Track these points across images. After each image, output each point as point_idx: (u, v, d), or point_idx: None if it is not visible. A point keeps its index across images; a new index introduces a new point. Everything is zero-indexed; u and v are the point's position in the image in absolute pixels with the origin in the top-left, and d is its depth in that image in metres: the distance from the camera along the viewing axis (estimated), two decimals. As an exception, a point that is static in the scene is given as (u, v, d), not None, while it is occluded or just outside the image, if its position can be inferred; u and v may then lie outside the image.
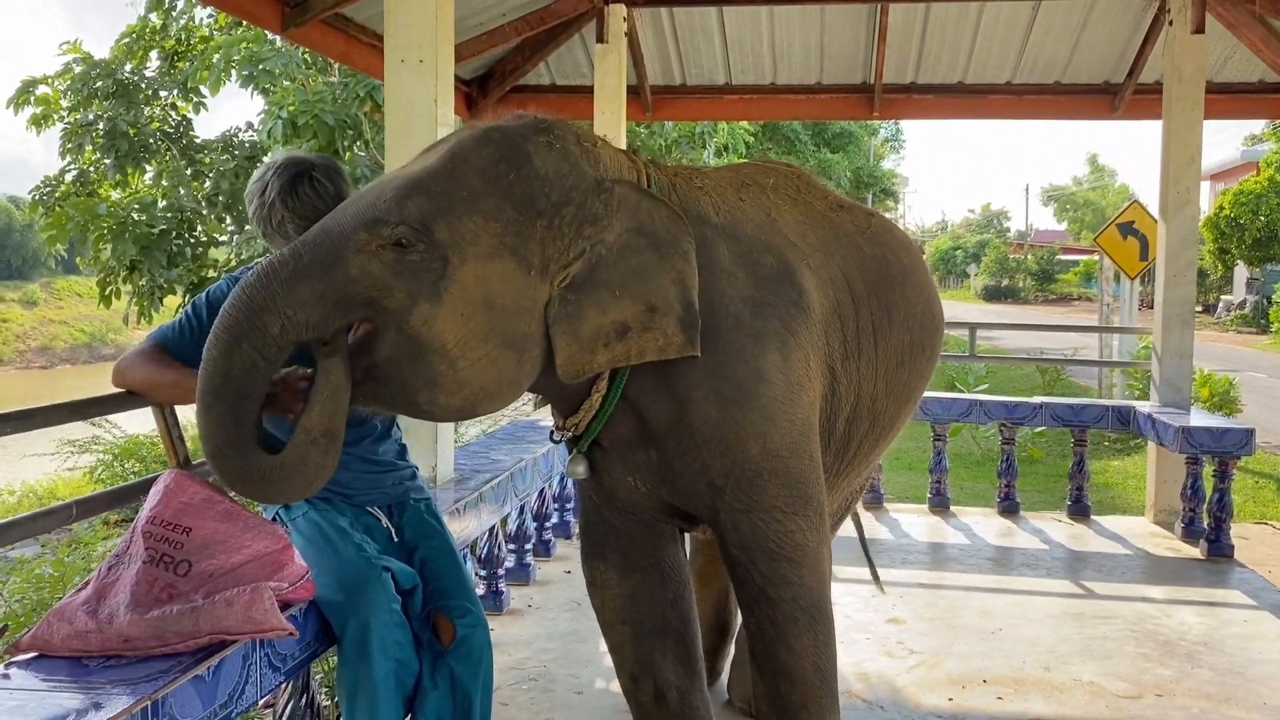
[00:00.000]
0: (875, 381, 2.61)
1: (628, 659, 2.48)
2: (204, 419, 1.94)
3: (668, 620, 2.48)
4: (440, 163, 2.02)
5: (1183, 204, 5.56)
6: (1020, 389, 12.27)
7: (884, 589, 3.96)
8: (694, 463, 2.26)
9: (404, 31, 3.51)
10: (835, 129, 21.99)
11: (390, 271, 1.93)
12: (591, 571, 2.53)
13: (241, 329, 1.91)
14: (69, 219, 8.49)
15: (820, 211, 2.64)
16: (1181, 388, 5.60)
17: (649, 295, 2.10)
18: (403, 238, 1.93)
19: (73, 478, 8.97)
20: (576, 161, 2.10)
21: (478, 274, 1.96)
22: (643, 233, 2.11)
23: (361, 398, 2.02)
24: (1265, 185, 24.24)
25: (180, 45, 9.44)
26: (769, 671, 2.37)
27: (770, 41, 6.48)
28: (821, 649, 2.36)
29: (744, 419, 2.22)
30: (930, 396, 6.22)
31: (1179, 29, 5.48)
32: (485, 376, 2.01)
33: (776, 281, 2.33)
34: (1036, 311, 35.02)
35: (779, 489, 2.28)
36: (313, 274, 1.92)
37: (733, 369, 2.22)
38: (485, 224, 1.97)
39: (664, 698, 2.45)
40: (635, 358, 2.12)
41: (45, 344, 36.06)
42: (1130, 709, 3.39)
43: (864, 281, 2.58)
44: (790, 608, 2.32)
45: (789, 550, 2.31)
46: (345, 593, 2.25)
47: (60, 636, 1.89)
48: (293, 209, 2.31)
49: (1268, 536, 6.14)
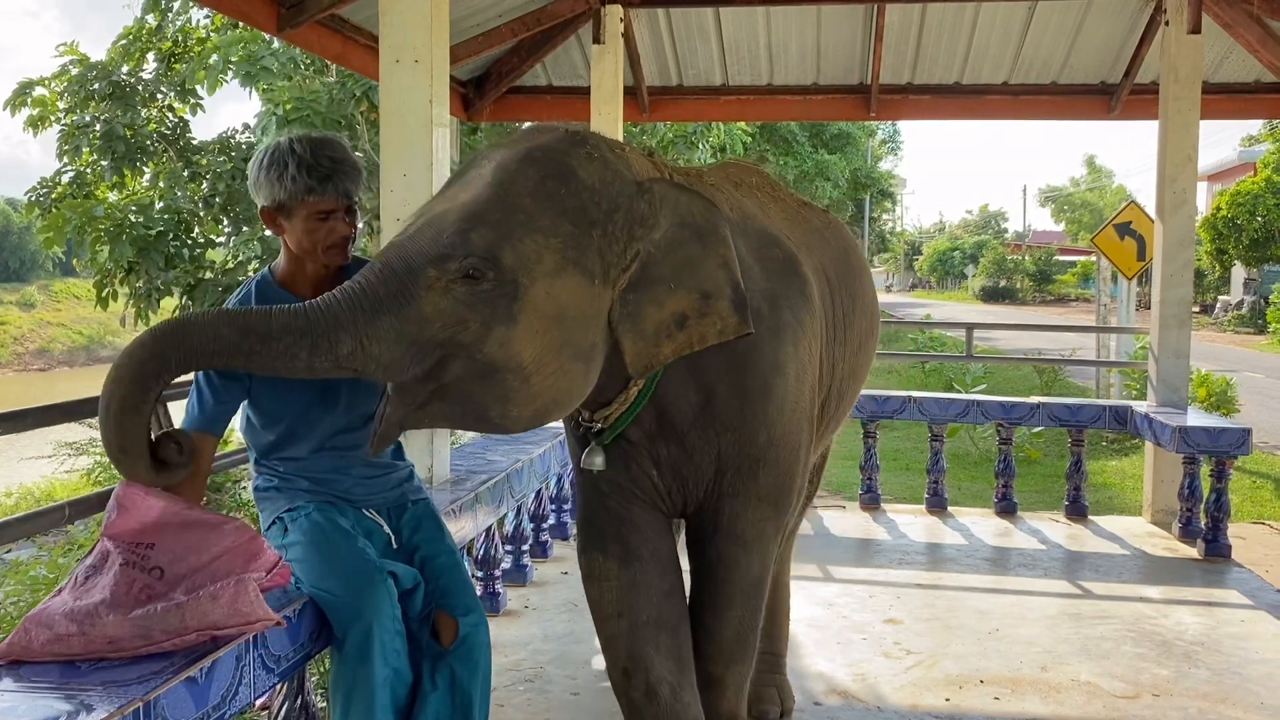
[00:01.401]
0: (843, 364, 2.84)
1: (621, 652, 2.50)
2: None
3: (663, 613, 2.51)
4: (490, 190, 2.06)
5: (1179, 204, 5.56)
6: (1018, 389, 12.28)
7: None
8: (711, 449, 2.40)
9: (399, 31, 3.50)
10: (833, 130, 22.00)
11: (464, 305, 1.98)
12: (591, 563, 2.55)
13: (314, 335, 1.94)
14: (66, 221, 8.48)
15: (794, 209, 2.88)
16: (1179, 388, 5.60)
17: (701, 283, 2.19)
18: (472, 269, 1.97)
19: (70, 480, 8.96)
20: (616, 168, 2.17)
21: (547, 291, 2.02)
22: (685, 225, 2.20)
23: (427, 419, 2.09)
24: (1262, 186, 24.26)
25: (177, 47, 9.44)
26: (695, 625, 2.55)
27: (767, 42, 6.47)
28: (746, 621, 2.55)
29: (761, 409, 2.38)
30: (928, 397, 6.23)
31: (1175, 29, 5.48)
32: (557, 388, 2.08)
33: (785, 274, 2.48)
34: (1034, 312, 35.03)
35: (769, 478, 2.45)
36: (389, 309, 1.96)
37: (755, 362, 2.37)
38: (546, 241, 2.03)
39: (655, 693, 2.46)
40: (698, 344, 2.21)
41: (43, 346, 36.04)
42: (1127, 709, 3.39)
43: (835, 272, 2.82)
44: (729, 587, 2.50)
45: (749, 536, 2.48)
46: (350, 593, 2.24)
47: (40, 642, 1.85)
48: (335, 151, 2.33)
49: (1265, 536, 6.14)
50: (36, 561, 5.51)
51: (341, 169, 2.33)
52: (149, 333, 1.96)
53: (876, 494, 6.16)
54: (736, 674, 2.61)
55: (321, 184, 2.30)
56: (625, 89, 6.22)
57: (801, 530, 5.64)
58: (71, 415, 2.58)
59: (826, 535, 5.56)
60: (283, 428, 2.39)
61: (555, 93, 7.01)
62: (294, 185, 2.29)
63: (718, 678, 2.58)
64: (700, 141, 10.90)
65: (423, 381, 2.03)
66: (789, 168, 20.09)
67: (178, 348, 1.93)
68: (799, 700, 3.39)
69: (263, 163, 2.33)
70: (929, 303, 42.71)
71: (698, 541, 2.55)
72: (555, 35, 6.25)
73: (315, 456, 2.41)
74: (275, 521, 2.41)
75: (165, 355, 1.93)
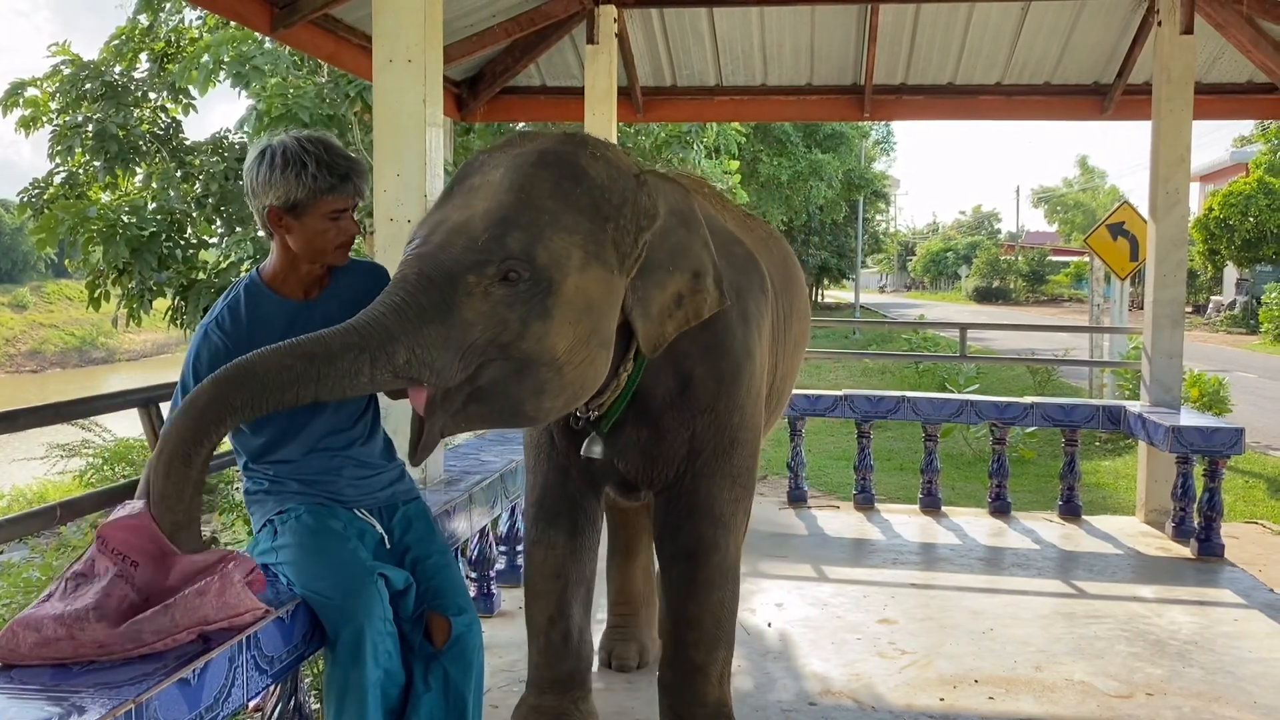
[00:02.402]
0: (783, 365, 3.08)
1: (551, 605, 2.81)
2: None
3: (585, 574, 2.86)
4: (511, 195, 2.16)
5: (1172, 204, 5.57)
6: (1011, 390, 12.29)
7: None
8: (685, 431, 2.57)
9: (392, 30, 3.49)
10: (827, 130, 22.06)
11: (503, 305, 2.09)
12: (541, 534, 2.81)
13: (372, 349, 1.99)
14: (59, 221, 8.43)
15: (740, 218, 3.11)
16: (1171, 387, 5.61)
17: (692, 264, 2.41)
18: (510, 271, 2.09)
19: (63, 482, 8.92)
20: (618, 165, 2.34)
21: (577, 285, 2.16)
22: (673, 212, 2.41)
23: (465, 423, 2.17)
24: (1254, 187, 24.36)
25: (170, 47, 9.38)
26: (675, 618, 2.71)
27: (760, 42, 6.47)
28: (725, 605, 2.70)
29: (734, 392, 2.57)
30: (922, 397, 6.24)
31: (1168, 29, 5.49)
32: (585, 375, 2.24)
33: (747, 269, 2.70)
34: (1027, 313, 35.10)
35: (741, 458, 2.64)
36: (434, 318, 2.04)
37: (730, 347, 2.55)
38: (570, 238, 2.16)
39: (570, 637, 2.83)
40: (693, 319, 2.43)
41: (35, 348, 35.89)
42: (1121, 708, 3.39)
43: (778, 277, 3.04)
44: (710, 570, 2.64)
45: (727, 517, 2.65)
46: (341, 595, 2.23)
47: (28, 645, 1.83)
48: (346, 154, 2.33)
49: (1258, 536, 6.16)
50: (29, 564, 5.49)
51: (356, 168, 2.33)
52: (210, 380, 1.96)
53: (870, 494, 6.16)
54: (718, 660, 2.74)
55: (342, 182, 2.30)
56: (619, 89, 6.22)
57: (795, 530, 5.66)
58: (64, 416, 2.57)
59: (821, 535, 5.56)
60: (274, 430, 2.37)
61: (549, 93, 7.01)
62: (314, 184, 2.26)
63: (700, 664, 2.71)
64: (695, 142, 10.88)
65: (461, 386, 2.11)
66: (783, 168, 20.12)
67: (242, 388, 1.93)
68: (793, 700, 3.40)
69: (273, 161, 2.27)
70: (922, 303, 42.80)
71: (671, 525, 2.67)
72: (549, 35, 6.25)
73: (307, 458, 2.40)
74: (266, 524, 2.40)
75: (228, 400, 1.93)
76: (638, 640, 3.62)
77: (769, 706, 3.37)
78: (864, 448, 6.20)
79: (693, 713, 2.74)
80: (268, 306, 2.36)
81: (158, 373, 25.57)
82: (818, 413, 6.20)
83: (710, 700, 2.74)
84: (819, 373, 16.77)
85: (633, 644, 3.61)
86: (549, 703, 2.89)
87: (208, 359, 2.26)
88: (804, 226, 28.69)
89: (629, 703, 3.35)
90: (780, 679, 3.60)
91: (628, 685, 3.47)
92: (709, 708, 2.74)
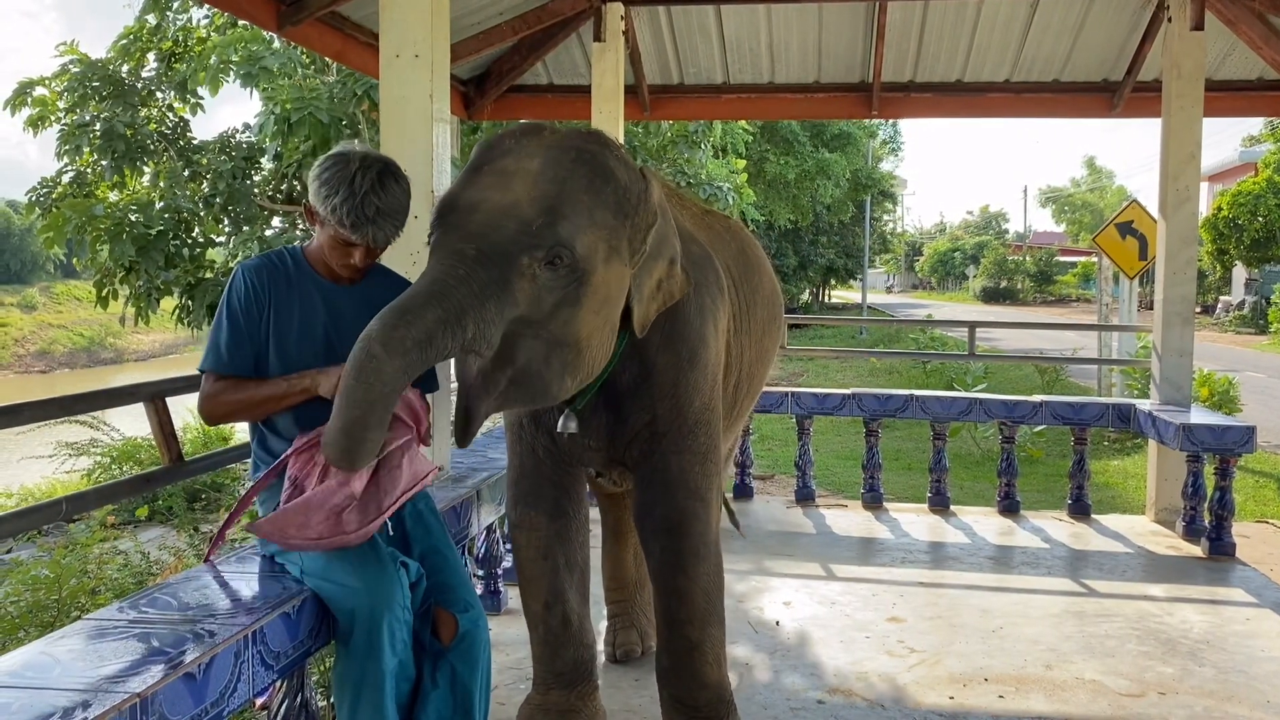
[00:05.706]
0: (749, 350, 3.18)
1: (544, 589, 2.85)
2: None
3: (576, 558, 2.91)
4: (554, 186, 2.27)
5: (1182, 201, 5.54)
6: (1019, 389, 12.26)
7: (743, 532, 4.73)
8: (646, 414, 2.70)
9: (399, 26, 3.48)
10: (834, 129, 21.99)
11: (545, 288, 2.21)
12: (522, 515, 2.87)
13: (447, 319, 2.06)
14: (66, 220, 8.45)
15: (697, 214, 3.20)
16: (1182, 385, 5.58)
17: (668, 252, 2.57)
18: (556, 256, 2.20)
19: (71, 480, 8.93)
20: (633, 167, 2.47)
21: (603, 276, 2.31)
22: (655, 205, 2.53)
23: (505, 402, 2.30)
24: (1263, 186, 24.24)
25: (177, 46, 9.40)
26: (665, 592, 2.75)
27: (768, 41, 6.45)
28: (711, 576, 2.77)
29: (693, 378, 2.71)
30: (930, 395, 6.21)
31: (1178, 26, 5.46)
32: (597, 357, 2.41)
33: (703, 266, 2.83)
34: (1035, 313, 35.01)
35: (705, 437, 2.76)
36: (492, 294, 2.14)
37: (687, 336, 2.70)
38: (599, 233, 2.31)
39: (569, 622, 2.87)
40: (670, 300, 2.60)
41: (44, 348, 36.00)
42: (1132, 707, 3.36)
43: (737, 269, 3.17)
44: (694, 541, 2.72)
45: (704, 490, 2.75)
46: (361, 581, 2.23)
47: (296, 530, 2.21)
48: (385, 202, 2.32)
49: (1269, 535, 6.11)
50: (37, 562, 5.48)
51: (380, 220, 2.32)
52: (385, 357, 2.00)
53: (879, 493, 6.14)
54: (713, 638, 2.78)
55: (355, 228, 2.31)
56: (626, 87, 6.21)
57: (804, 528, 5.65)
58: (68, 410, 2.56)
59: (829, 534, 5.54)
60: (287, 421, 2.40)
61: (556, 91, 6.99)
62: (332, 215, 2.30)
63: (696, 642, 2.75)
64: (702, 141, 10.84)
65: (499, 368, 2.22)
66: (790, 167, 20.07)
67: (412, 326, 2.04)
68: (802, 697, 3.38)
69: (323, 168, 2.33)
70: (930, 303, 42.74)
71: (649, 502, 2.75)
72: (556, 33, 6.24)
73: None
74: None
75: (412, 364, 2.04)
76: (637, 626, 3.66)
77: (777, 703, 3.35)
78: (872, 446, 6.18)
79: (694, 696, 2.77)
80: (305, 279, 2.44)
81: (166, 373, 25.58)
82: (825, 411, 6.18)
83: (710, 681, 2.77)
84: (827, 372, 16.76)
85: (633, 630, 3.65)
86: (555, 699, 2.90)
87: (243, 292, 2.37)
88: (811, 226, 28.63)
89: (636, 700, 3.34)
90: (788, 676, 3.58)
91: (634, 683, 3.45)
92: (710, 689, 2.77)
